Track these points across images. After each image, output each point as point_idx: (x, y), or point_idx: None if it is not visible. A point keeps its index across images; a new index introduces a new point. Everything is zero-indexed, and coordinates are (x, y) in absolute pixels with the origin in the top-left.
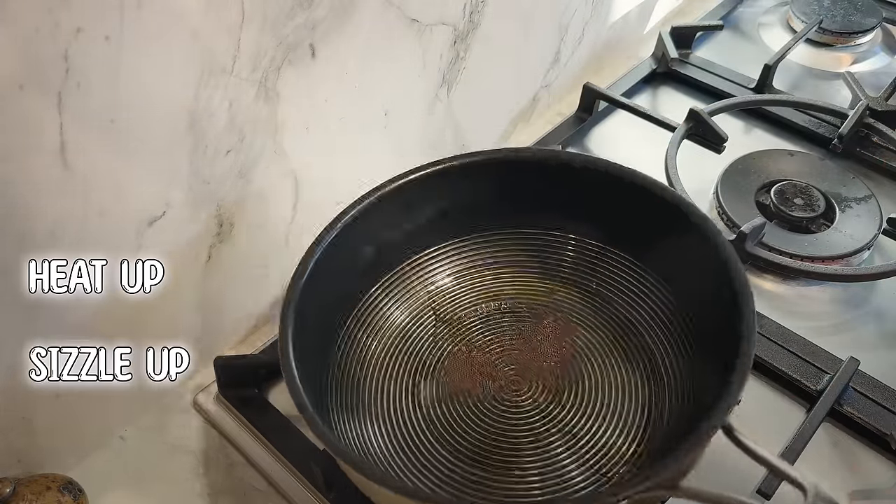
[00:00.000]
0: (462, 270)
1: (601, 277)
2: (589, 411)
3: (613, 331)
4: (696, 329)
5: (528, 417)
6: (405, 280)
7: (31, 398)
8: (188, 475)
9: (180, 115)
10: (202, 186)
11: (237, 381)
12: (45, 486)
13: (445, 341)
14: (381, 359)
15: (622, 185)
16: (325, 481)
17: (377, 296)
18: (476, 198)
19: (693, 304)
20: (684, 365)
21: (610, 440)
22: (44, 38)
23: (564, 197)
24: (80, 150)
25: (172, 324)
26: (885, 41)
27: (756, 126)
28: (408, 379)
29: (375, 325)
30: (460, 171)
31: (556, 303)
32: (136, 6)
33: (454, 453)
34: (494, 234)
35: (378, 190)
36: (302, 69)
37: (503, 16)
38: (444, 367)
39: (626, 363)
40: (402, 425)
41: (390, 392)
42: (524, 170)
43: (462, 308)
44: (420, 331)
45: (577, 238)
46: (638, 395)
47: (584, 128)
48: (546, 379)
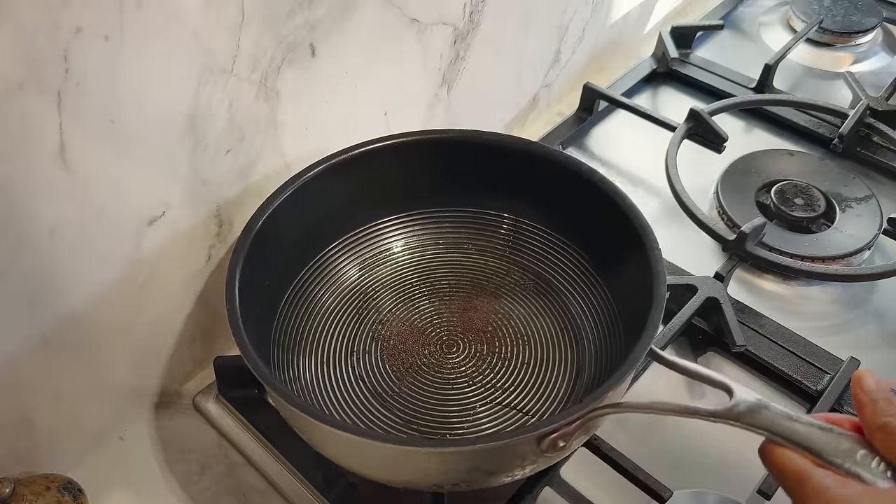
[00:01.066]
0: (412, 241)
1: (531, 252)
2: (517, 371)
3: (543, 300)
4: (614, 293)
5: (459, 377)
6: (362, 242)
7: (31, 398)
8: (188, 476)
9: (180, 114)
10: (202, 186)
11: (237, 381)
12: (45, 487)
13: (389, 303)
14: (328, 311)
15: (540, 163)
16: (325, 482)
17: (334, 253)
18: (422, 175)
19: (610, 268)
20: (606, 330)
21: (537, 394)
22: (43, 38)
23: (496, 177)
24: (79, 149)
25: (171, 324)
26: (885, 41)
27: (756, 126)
28: (349, 331)
29: (329, 279)
30: (407, 148)
31: (492, 274)
32: (135, 6)
33: (384, 404)
34: (438, 211)
35: (336, 156)
36: (302, 69)
37: (503, 16)
38: (384, 325)
39: (554, 328)
40: (337, 370)
41: (331, 340)
42: (462, 150)
43: (410, 275)
44: (368, 291)
45: (511, 217)
46: (566, 357)
47: (585, 128)
48: (479, 341)
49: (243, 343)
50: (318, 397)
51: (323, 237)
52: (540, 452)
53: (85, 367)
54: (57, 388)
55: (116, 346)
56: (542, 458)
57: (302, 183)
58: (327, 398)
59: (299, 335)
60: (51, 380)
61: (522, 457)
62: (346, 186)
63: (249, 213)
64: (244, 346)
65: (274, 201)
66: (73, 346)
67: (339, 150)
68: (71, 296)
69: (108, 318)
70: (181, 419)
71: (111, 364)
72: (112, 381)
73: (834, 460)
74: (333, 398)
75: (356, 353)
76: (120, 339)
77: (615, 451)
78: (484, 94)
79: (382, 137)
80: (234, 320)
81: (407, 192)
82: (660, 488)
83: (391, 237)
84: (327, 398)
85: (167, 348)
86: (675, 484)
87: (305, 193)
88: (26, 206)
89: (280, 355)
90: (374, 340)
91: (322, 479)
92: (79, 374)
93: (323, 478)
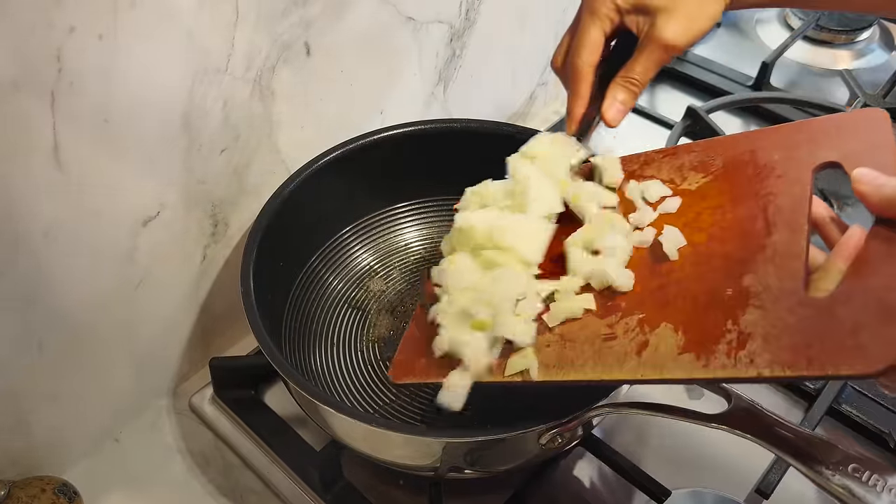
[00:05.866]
0: (424, 229)
1: None
2: None
3: None
4: None
5: None
6: (374, 229)
7: (26, 400)
8: (184, 477)
9: (174, 114)
10: (196, 186)
11: (233, 382)
12: (41, 489)
13: (400, 288)
14: (338, 295)
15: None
16: (321, 482)
17: (346, 238)
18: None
19: None
20: None
21: None
22: (37, 37)
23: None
24: (73, 149)
25: (167, 325)
26: (882, 38)
27: (754, 123)
28: (359, 317)
29: (340, 264)
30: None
31: None
32: (129, 5)
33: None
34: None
35: (350, 143)
36: (297, 68)
37: (500, 13)
38: (395, 312)
39: None
40: (348, 355)
41: (342, 325)
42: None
43: (422, 261)
44: (381, 277)
45: None
46: None
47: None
48: None
49: (257, 326)
50: (329, 383)
51: (335, 224)
52: (540, 447)
53: (80, 369)
54: (52, 390)
55: (111, 348)
56: (542, 451)
57: (316, 169)
58: (338, 384)
59: (310, 320)
60: (46, 382)
61: (523, 449)
62: (360, 173)
63: (245, 212)
64: (258, 330)
65: (289, 185)
66: (68, 348)
67: (353, 137)
68: (65, 297)
69: (102, 319)
70: (177, 420)
71: (106, 366)
72: (107, 383)
73: (824, 471)
74: (344, 384)
75: (366, 339)
76: (115, 340)
77: (614, 451)
78: (480, 93)
79: (398, 125)
80: (249, 303)
81: (420, 180)
82: (658, 488)
83: (403, 224)
84: (338, 384)
85: (163, 349)
86: (673, 483)
87: (320, 180)
88: (20, 207)
89: (291, 339)
90: (385, 327)
91: (319, 480)
92: (74, 376)
93: (319, 478)
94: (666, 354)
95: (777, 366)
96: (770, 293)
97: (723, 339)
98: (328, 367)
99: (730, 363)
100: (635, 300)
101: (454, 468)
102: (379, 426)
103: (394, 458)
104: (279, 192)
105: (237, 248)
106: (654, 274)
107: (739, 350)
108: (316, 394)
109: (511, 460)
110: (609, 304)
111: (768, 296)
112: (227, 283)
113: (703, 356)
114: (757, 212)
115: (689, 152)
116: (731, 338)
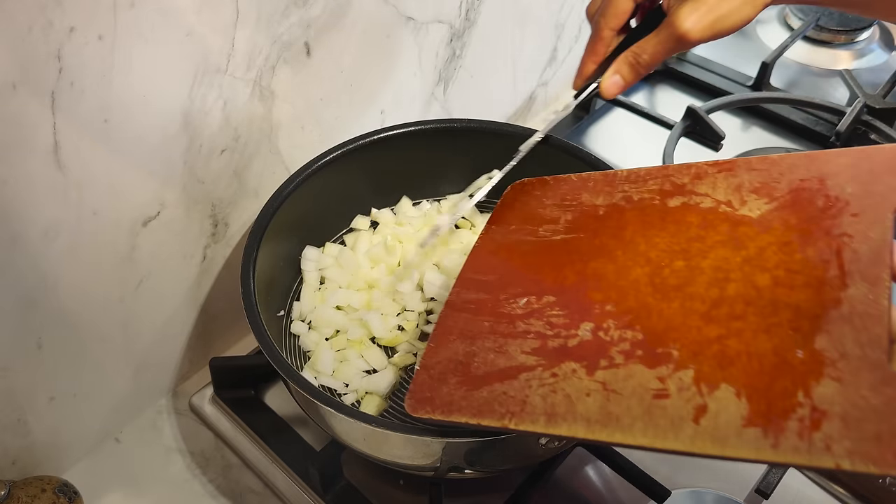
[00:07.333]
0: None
1: None
2: None
3: None
4: None
5: None
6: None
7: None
8: (184, 477)
9: (174, 114)
10: (197, 186)
11: (233, 382)
12: (41, 489)
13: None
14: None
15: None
16: (321, 482)
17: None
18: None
19: None
20: None
21: None
22: (37, 38)
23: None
24: (73, 149)
25: (167, 325)
26: (882, 38)
27: (754, 124)
28: None
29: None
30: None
31: None
32: (129, 5)
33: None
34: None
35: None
36: (297, 68)
37: (500, 14)
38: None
39: None
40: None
41: None
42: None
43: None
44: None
45: None
46: None
47: (582, 126)
48: None
49: (257, 326)
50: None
51: (335, 224)
52: (540, 447)
53: (80, 369)
54: (52, 390)
55: (111, 348)
56: (542, 451)
57: (316, 169)
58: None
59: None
60: (45, 382)
61: (523, 449)
62: (360, 173)
63: (245, 212)
64: (258, 330)
65: (289, 186)
66: (68, 348)
67: (353, 137)
68: (65, 296)
69: (102, 319)
70: (177, 420)
71: (106, 366)
72: (107, 383)
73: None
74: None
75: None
76: (115, 340)
77: (614, 451)
78: (480, 93)
79: (398, 125)
80: (249, 303)
81: (420, 180)
82: (658, 488)
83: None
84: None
85: (162, 349)
86: (673, 483)
87: (320, 180)
88: (19, 207)
89: (291, 339)
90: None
91: (319, 480)
92: (74, 375)
93: (319, 478)
94: (728, 425)
95: (859, 458)
96: (849, 363)
97: (793, 413)
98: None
99: (803, 446)
100: (690, 349)
101: (454, 468)
102: (379, 426)
103: (394, 458)
104: (279, 192)
105: (237, 248)
106: (711, 320)
107: (814, 431)
108: (316, 394)
109: (511, 460)
110: (659, 352)
111: (846, 366)
112: (227, 283)
113: (772, 434)
114: (830, 256)
115: (750, 170)
116: (803, 413)
